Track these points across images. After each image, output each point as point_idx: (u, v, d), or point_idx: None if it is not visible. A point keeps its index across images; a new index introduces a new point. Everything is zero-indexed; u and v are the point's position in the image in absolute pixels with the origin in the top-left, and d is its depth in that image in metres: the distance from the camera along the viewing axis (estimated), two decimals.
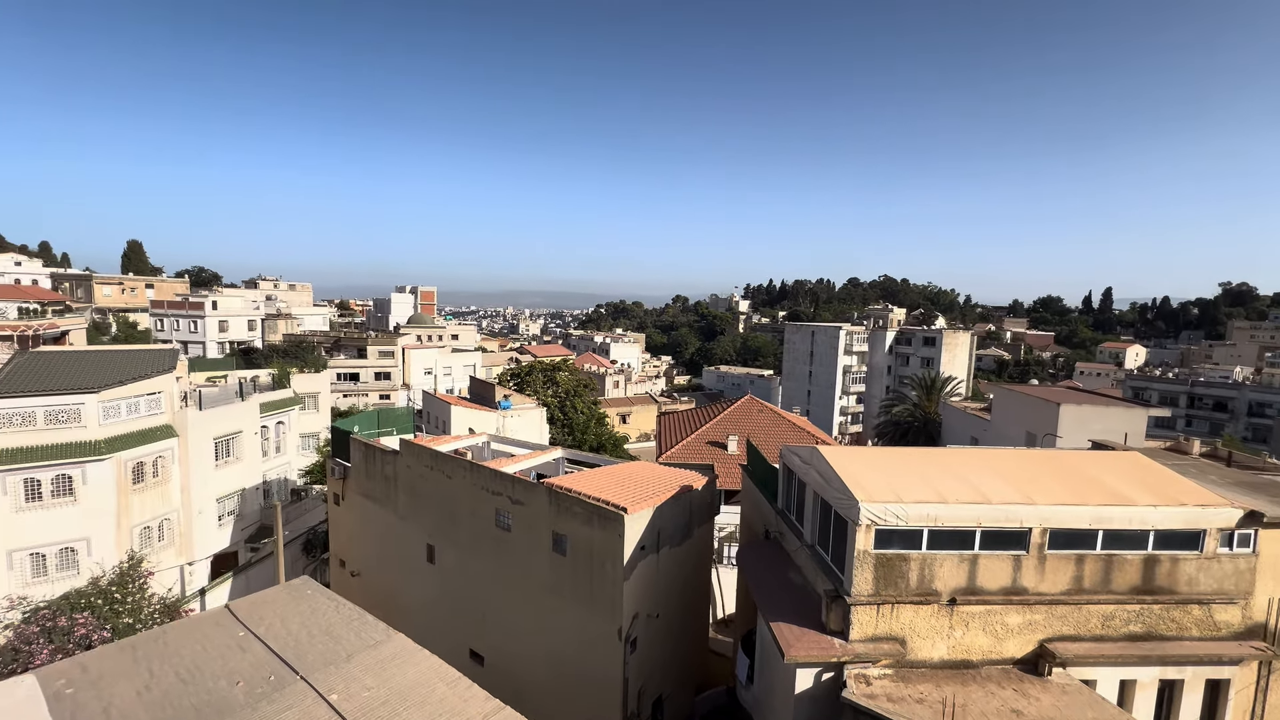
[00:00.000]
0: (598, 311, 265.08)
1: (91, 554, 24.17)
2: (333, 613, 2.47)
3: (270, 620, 2.26)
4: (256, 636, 2.31)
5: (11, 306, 50.25)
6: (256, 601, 2.21)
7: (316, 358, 62.50)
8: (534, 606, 17.39)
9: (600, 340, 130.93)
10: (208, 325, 72.40)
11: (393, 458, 22.19)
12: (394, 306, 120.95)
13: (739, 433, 33.19)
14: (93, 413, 24.12)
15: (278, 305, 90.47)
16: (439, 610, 20.61)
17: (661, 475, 19.21)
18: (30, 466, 22.67)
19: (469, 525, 19.28)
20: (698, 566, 18.87)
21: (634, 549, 15.15)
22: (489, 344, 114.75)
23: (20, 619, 21.85)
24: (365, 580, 24.37)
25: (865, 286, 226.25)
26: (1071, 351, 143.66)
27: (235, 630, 2.22)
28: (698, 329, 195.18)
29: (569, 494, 16.12)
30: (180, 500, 27.67)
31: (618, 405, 77.90)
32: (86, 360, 28.15)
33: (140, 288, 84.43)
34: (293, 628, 2.44)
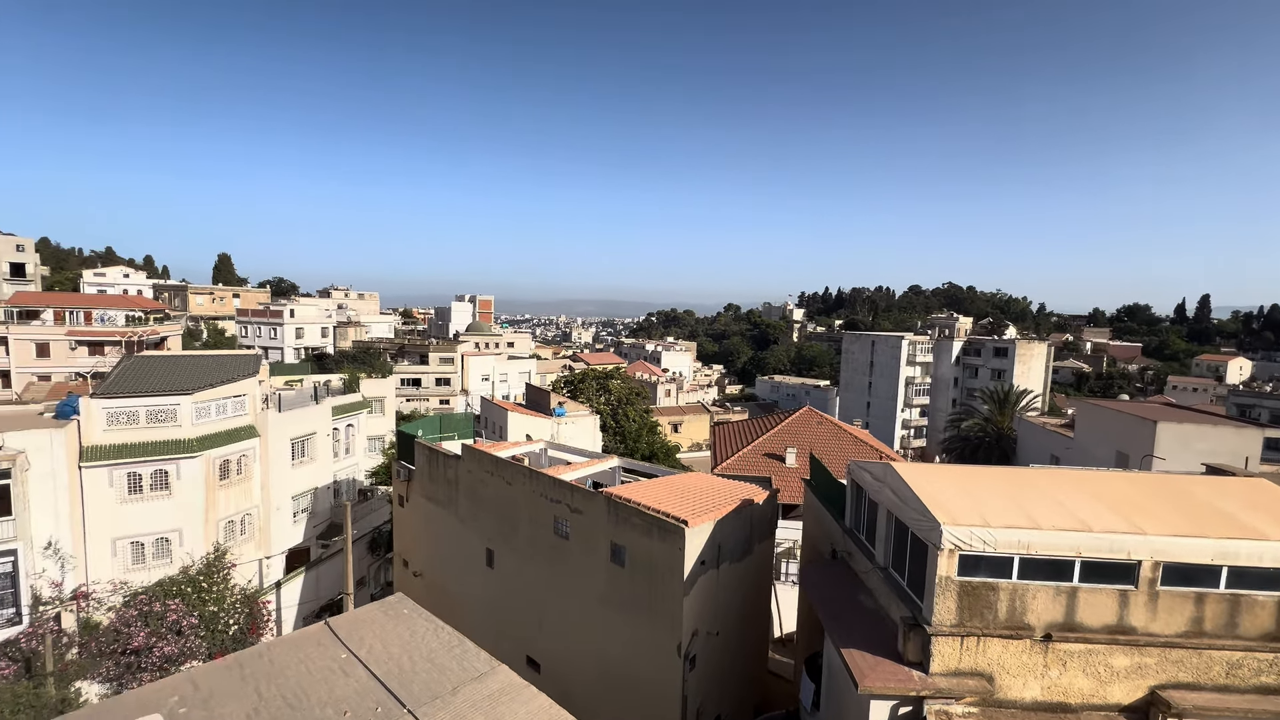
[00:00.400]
0: (649, 320, 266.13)
1: (182, 544, 25.98)
2: (433, 637, 2.41)
3: (371, 642, 2.22)
4: (359, 660, 2.27)
5: (120, 314, 55.23)
6: (356, 620, 2.19)
7: (383, 364, 65.47)
8: (591, 616, 17.29)
9: (651, 348, 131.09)
10: (286, 332, 77.28)
11: (454, 462, 22.75)
12: (454, 315, 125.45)
13: (797, 445, 32.20)
14: (187, 413, 26.01)
15: (348, 313, 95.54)
16: (497, 614, 20.86)
17: (720, 487, 18.79)
18: (134, 461, 24.64)
19: (528, 531, 19.45)
20: (758, 583, 18.27)
21: (694, 563, 14.80)
22: (543, 351, 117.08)
23: (121, 602, 23.67)
24: (427, 580, 25.04)
25: (928, 294, 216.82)
26: (1162, 364, 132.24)
27: (337, 651, 2.18)
28: (750, 338, 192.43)
29: (628, 504, 15.96)
30: (260, 497, 29.38)
31: (669, 414, 77.53)
32: (182, 364, 30.47)
33: (228, 297, 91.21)
34: (394, 651, 2.38)
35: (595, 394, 63.01)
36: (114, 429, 24.78)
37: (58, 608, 22.42)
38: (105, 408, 24.72)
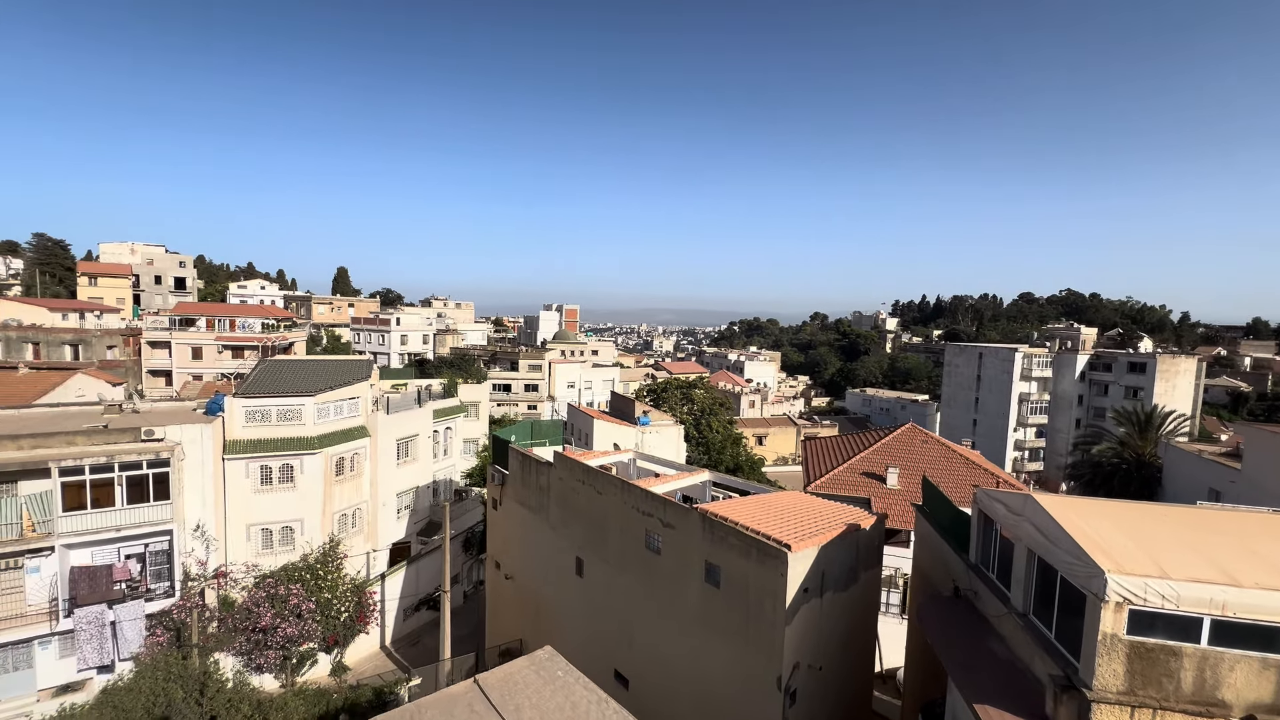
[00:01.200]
0: (730, 329, 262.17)
1: (303, 533, 28.28)
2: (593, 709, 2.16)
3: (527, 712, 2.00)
4: None
5: (258, 322, 61.94)
6: (509, 682, 1.99)
7: (477, 370, 68.78)
8: (683, 636, 16.71)
9: (734, 358, 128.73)
10: (392, 339, 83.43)
11: (547, 469, 23.07)
12: (541, 323, 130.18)
13: (901, 465, 29.92)
14: (310, 413, 28.39)
15: (446, 322, 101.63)
16: (587, 625, 20.79)
17: (821, 509, 17.62)
18: (266, 455, 27.18)
19: (618, 543, 19.24)
20: (863, 616, 16.89)
21: (797, 591, 13.84)
22: (625, 360, 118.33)
23: (252, 583, 26.04)
24: (518, 584, 25.56)
25: (1041, 303, 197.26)
26: None
27: (480, 708, 1.98)
28: (838, 348, 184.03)
29: (724, 522, 15.27)
30: (369, 493, 31.47)
31: (754, 426, 75.46)
32: (306, 368, 33.42)
33: (344, 306, 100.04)
34: None
35: (678, 403, 62.52)
36: (251, 425, 27.49)
37: (202, 584, 25.07)
38: (244, 406, 27.50)
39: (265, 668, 24.69)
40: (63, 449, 22.66)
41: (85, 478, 22.46)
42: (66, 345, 55.00)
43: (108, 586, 22.76)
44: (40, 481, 22.22)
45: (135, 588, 23.46)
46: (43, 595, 22.36)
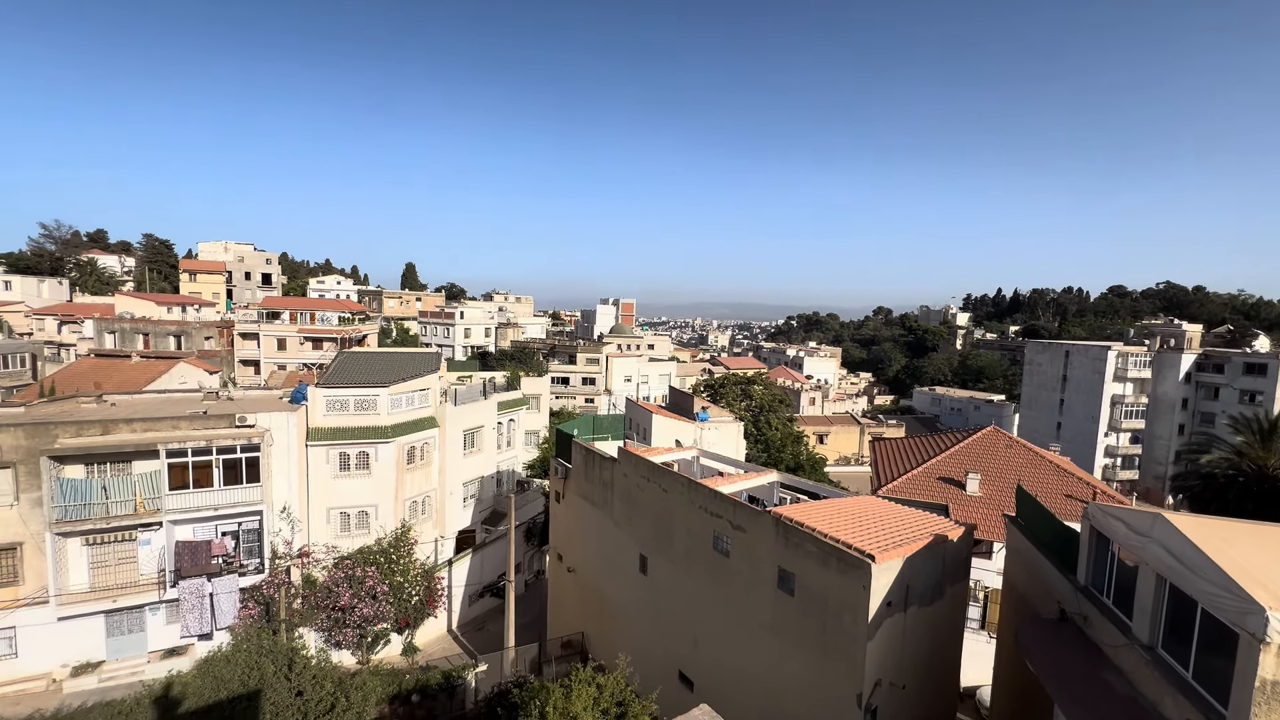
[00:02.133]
0: (788, 324, 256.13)
1: (377, 518, 29.56)
2: None
3: None
4: None
5: (335, 316, 65.47)
6: None
7: (537, 363, 70.05)
8: (753, 643, 16.17)
9: (793, 353, 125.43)
10: (456, 332, 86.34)
11: (610, 464, 22.98)
12: (598, 317, 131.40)
13: (982, 471, 28.02)
14: (384, 403, 29.57)
15: (507, 315, 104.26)
16: (651, 623, 20.59)
17: (902, 517, 16.59)
18: (345, 443, 28.54)
19: (684, 542, 18.88)
20: (948, 632, 15.78)
21: (880, 604, 13.02)
22: (681, 354, 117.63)
23: (332, 564, 27.42)
24: (580, 577, 25.71)
25: (1135, 296, 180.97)
26: None
27: None
28: (903, 344, 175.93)
29: (800, 528, 14.59)
30: (437, 481, 32.54)
31: (815, 424, 73.20)
32: (380, 360, 34.87)
33: (412, 301, 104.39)
34: None
35: (736, 399, 61.43)
36: (331, 414, 28.92)
37: (288, 563, 26.65)
38: (325, 395, 28.95)
39: (344, 645, 26.01)
40: (169, 433, 24.56)
41: (188, 460, 24.27)
42: (171, 336, 60.09)
43: (207, 560, 24.57)
44: (150, 462, 24.19)
45: (230, 563, 25.20)
46: (152, 566, 24.40)
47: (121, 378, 42.88)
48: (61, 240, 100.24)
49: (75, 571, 23.56)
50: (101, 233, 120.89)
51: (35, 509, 22.55)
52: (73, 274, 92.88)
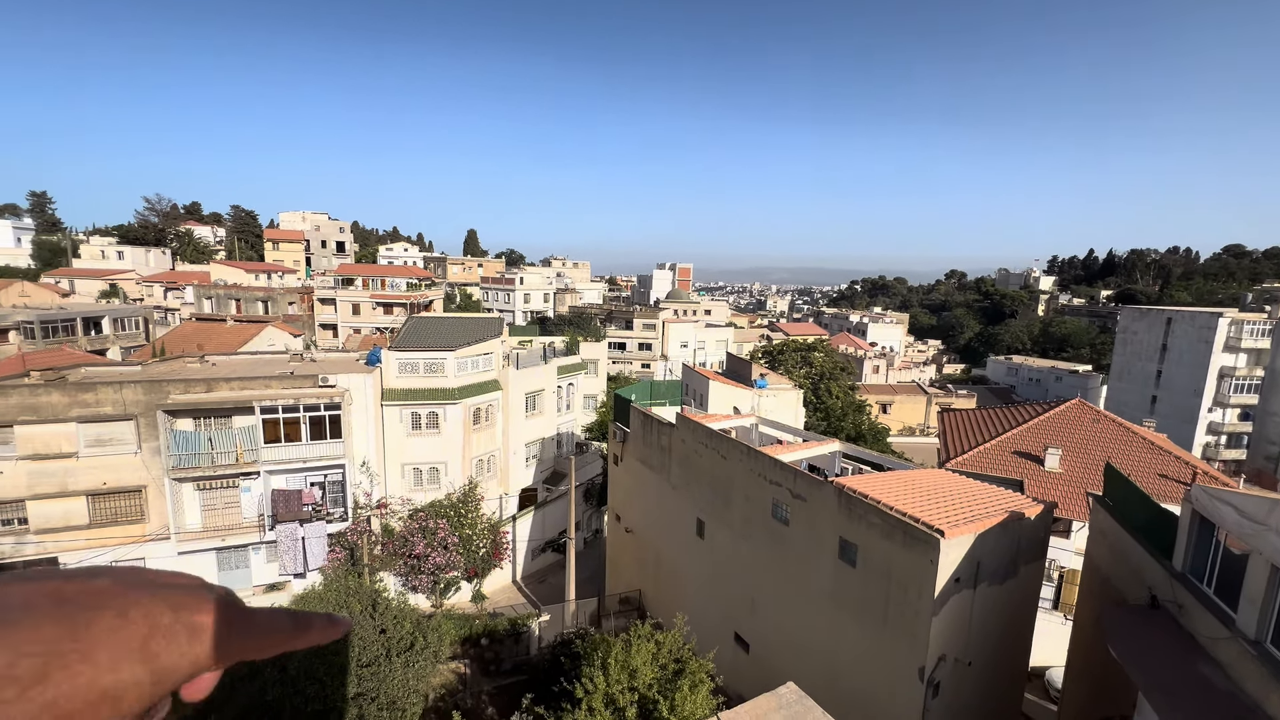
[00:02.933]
0: (851, 288, 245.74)
1: (447, 474, 31.25)
2: None
3: None
4: None
5: (403, 282, 68.27)
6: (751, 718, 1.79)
7: (595, 328, 70.81)
8: (811, 610, 16.16)
9: (856, 320, 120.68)
10: (516, 297, 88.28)
11: (668, 429, 23.13)
12: (655, 282, 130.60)
13: (1063, 446, 26.29)
14: (451, 366, 30.83)
15: (565, 281, 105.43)
16: (708, 585, 20.95)
17: (973, 492, 15.87)
18: (416, 403, 30.11)
19: (742, 509, 18.91)
20: (1020, 611, 15.18)
21: (948, 580, 12.63)
22: (738, 320, 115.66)
23: (407, 515, 29.35)
24: (638, 538, 26.38)
25: (1255, 257, 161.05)
26: None
27: None
28: (978, 310, 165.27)
29: (864, 500, 14.25)
30: (501, 442, 33.91)
31: (878, 393, 70.75)
32: (446, 325, 36.20)
33: (474, 267, 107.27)
34: None
35: (795, 366, 60.09)
36: (402, 376, 30.47)
37: (368, 513, 28.75)
38: (397, 358, 30.47)
39: (419, 589, 28.04)
40: (262, 391, 26.66)
41: (279, 416, 26.34)
42: (259, 301, 64.66)
43: (298, 508, 26.87)
44: (247, 417, 26.42)
45: (319, 511, 27.47)
46: (253, 511, 26.94)
47: (219, 340, 46.75)
48: (162, 213, 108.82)
49: (190, 513, 26.40)
50: (196, 205, 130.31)
51: (154, 457, 25.24)
52: (173, 244, 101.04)
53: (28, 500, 24.07)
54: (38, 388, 24.36)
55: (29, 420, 23.68)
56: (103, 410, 24.56)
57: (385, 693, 16.17)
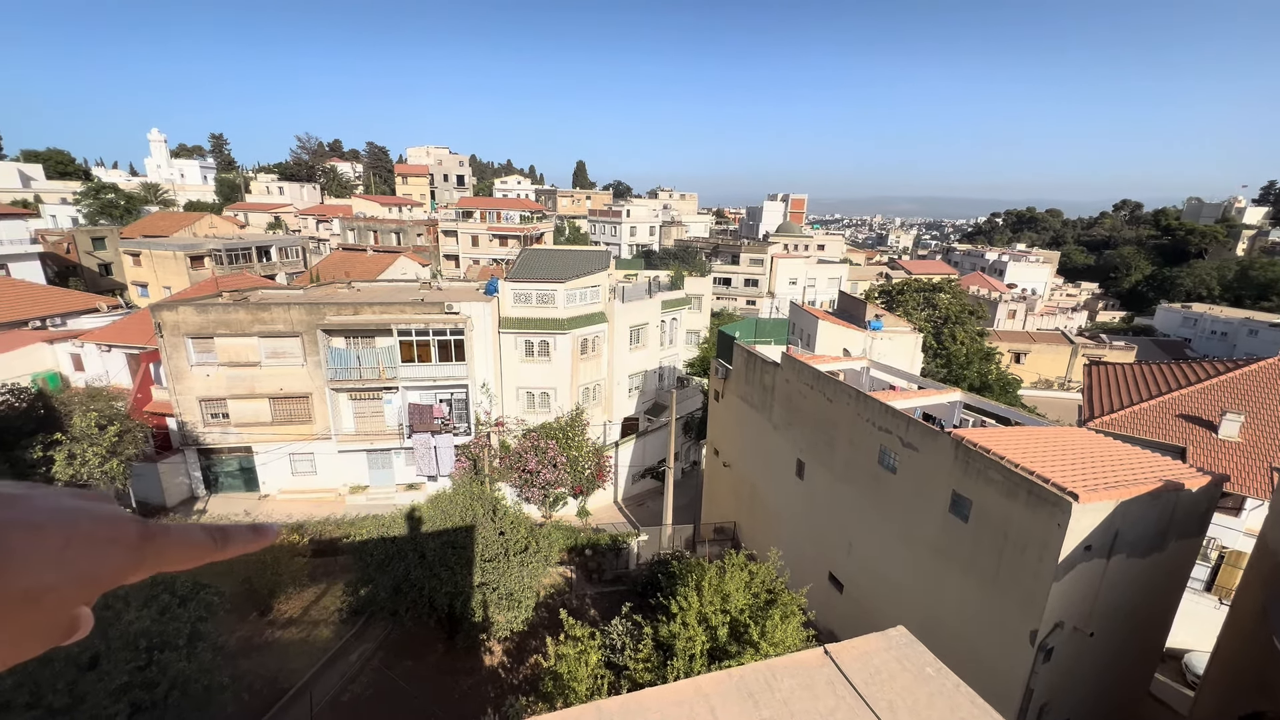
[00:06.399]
0: (991, 221, 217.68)
1: (556, 400, 33.33)
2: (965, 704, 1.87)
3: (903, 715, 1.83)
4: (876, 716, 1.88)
5: (517, 215, 70.86)
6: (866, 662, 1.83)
7: (700, 262, 69.67)
8: (913, 560, 15.75)
9: (994, 257, 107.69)
10: (622, 230, 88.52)
11: (772, 369, 22.71)
12: (765, 215, 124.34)
13: (1248, 411, 22.37)
14: (561, 298, 32.09)
15: (671, 214, 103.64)
16: (803, 524, 21.03)
17: (1119, 455, 14.17)
18: (529, 332, 31.96)
19: (845, 454, 18.43)
20: (1163, 589, 13.71)
21: (1077, 547, 11.62)
22: (854, 256, 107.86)
23: (521, 434, 31.91)
24: (735, 472, 26.82)
25: None
26: None
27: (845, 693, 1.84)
28: (1152, 248, 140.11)
29: (985, 454, 13.26)
30: (606, 372, 35.29)
31: (1012, 340, 63.86)
32: (557, 257, 37.36)
33: (583, 199, 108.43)
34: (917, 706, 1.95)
35: (916, 308, 55.60)
36: (517, 306, 32.28)
37: (488, 430, 31.68)
38: (512, 289, 32.22)
39: (531, 500, 30.89)
40: (398, 315, 29.61)
41: (413, 339, 29.26)
42: (392, 233, 70.58)
43: (430, 420, 30.21)
44: (387, 339, 29.63)
45: (446, 424, 30.72)
46: (394, 421, 30.72)
47: (361, 268, 52.10)
48: (311, 151, 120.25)
49: (345, 419, 30.70)
50: (337, 143, 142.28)
51: (317, 369, 29.35)
52: (321, 180, 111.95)
53: (228, 399, 29.24)
54: (229, 306, 28.91)
55: (224, 333, 28.34)
56: (276, 327, 28.71)
57: (504, 585, 18.38)
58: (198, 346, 28.41)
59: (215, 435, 29.54)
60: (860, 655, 2.03)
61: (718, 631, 12.89)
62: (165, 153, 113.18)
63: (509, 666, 19.94)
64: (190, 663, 12.47)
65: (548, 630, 18.27)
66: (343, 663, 19.45)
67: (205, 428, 29.31)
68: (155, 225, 61.58)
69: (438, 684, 18.97)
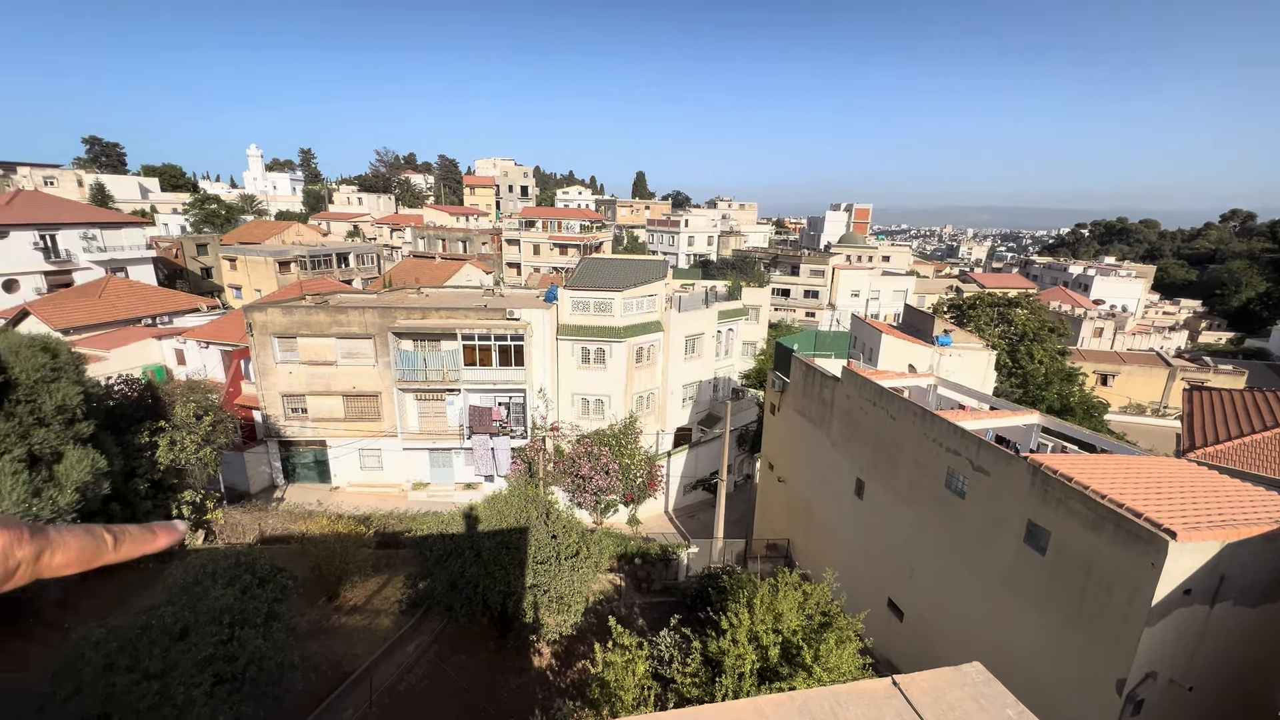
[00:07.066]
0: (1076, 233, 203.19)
1: (610, 407, 33.64)
2: None
3: None
4: None
5: (577, 224, 72.37)
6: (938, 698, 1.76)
7: (758, 272, 68.77)
8: (981, 589, 14.79)
9: (1078, 271, 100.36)
10: (680, 240, 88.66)
11: (832, 383, 22.04)
12: (827, 225, 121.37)
13: None
14: (618, 306, 32.46)
15: (730, 223, 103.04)
16: (861, 546, 20.21)
17: (1228, 491, 12.82)
18: (586, 339, 32.50)
19: (909, 474, 17.60)
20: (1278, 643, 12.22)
21: (1174, 590, 10.58)
22: (922, 268, 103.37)
23: (575, 439, 32.36)
24: (789, 488, 26.13)
25: None
26: None
27: None
28: (1266, 263, 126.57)
29: (1066, 482, 12.32)
30: (660, 381, 35.33)
31: (1098, 360, 59.19)
32: (615, 266, 37.88)
33: (642, 209, 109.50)
34: None
35: (989, 324, 52.60)
36: (575, 313, 32.92)
37: (543, 434, 32.33)
38: (571, 296, 32.90)
39: (583, 506, 31.23)
40: (462, 320, 30.82)
41: (475, 343, 30.35)
42: (459, 241, 73.69)
43: (489, 422, 31.17)
44: (451, 343, 30.87)
45: (504, 427, 31.60)
46: (455, 422, 31.90)
47: (430, 275, 54.66)
48: (388, 164, 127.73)
49: (410, 418, 32.17)
50: (411, 156, 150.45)
51: (386, 370, 30.95)
52: (396, 191, 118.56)
53: (307, 395, 31.28)
54: (311, 308, 30.98)
55: (306, 334, 30.38)
56: (351, 329, 30.52)
57: (555, 588, 18.63)
58: (282, 345, 30.58)
59: (294, 428, 31.63)
60: (932, 689, 1.92)
61: (769, 651, 12.54)
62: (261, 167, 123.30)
63: (557, 669, 20.14)
64: (266, 640, 13.32)
65: (596, 636, 18.34)
66: (400, 652, 20.24)
67: (286, 421, 31.44)
68: (249, 233, 67.00)
69: (488, 681, 19.41)
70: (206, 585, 13.69)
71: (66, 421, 17.21)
